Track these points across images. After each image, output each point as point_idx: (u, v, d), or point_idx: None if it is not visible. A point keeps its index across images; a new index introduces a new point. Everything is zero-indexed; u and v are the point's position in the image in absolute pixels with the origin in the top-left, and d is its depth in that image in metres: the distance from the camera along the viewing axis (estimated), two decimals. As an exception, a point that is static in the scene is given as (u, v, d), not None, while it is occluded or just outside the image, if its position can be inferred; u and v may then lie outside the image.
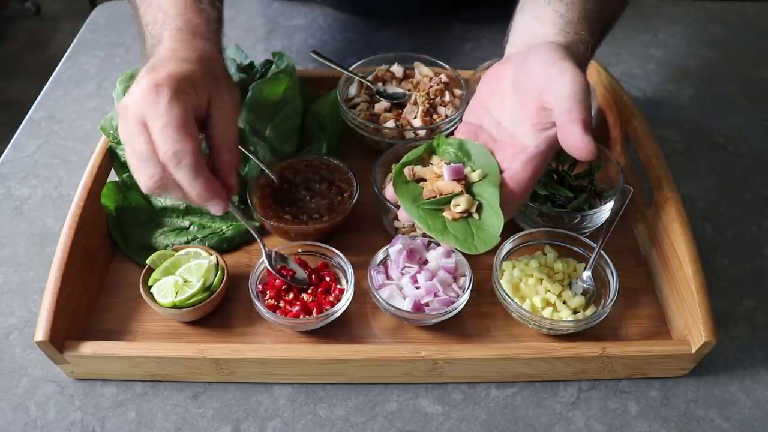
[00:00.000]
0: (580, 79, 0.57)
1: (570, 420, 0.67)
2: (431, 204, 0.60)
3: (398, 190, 0.62)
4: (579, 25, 0.64)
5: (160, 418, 0.66)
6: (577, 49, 0.63)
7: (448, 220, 0.59)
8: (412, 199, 0.61)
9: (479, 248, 0.58)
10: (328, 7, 1.23)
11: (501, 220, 0.58)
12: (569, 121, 0.55)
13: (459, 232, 0.58)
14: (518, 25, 0.68)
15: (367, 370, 0.68)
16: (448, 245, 0.59)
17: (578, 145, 0.55)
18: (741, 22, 1.23)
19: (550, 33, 0.63)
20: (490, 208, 0.58)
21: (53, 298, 0.66)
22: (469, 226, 0.59)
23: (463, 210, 0.59)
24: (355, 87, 0.93)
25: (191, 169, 0.57)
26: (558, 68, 0.58)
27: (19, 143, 0.96)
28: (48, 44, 2.79)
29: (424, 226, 0.59)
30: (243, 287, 0.73)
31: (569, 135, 0.55)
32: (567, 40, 0.62)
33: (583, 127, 0.55)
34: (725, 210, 0.88)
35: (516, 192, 0.60)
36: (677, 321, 0.71)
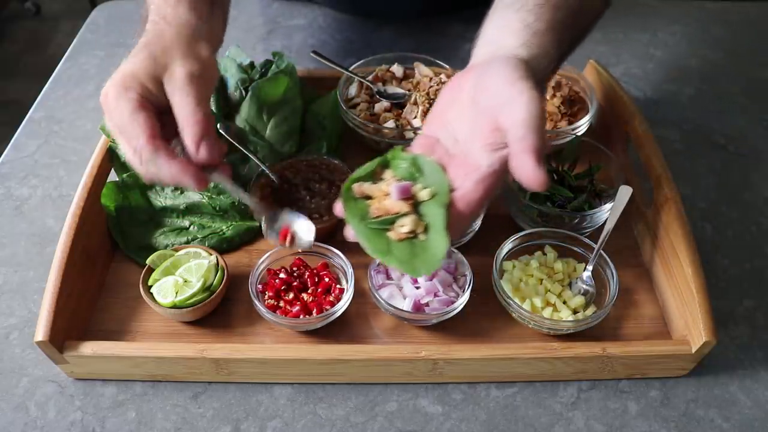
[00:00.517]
0: (536, 102, 0.55)
1: (570, 420, 0.67)
2: (378, 224, 0.58)
3: (346, 207, 0.59)
4: (545, 37, 0.62)
5: (160, 418, 0.66)
6: (538, 64, 0.60)
7: (392, 241, 0.57)
8: (359, 217, 0.59)
9: (421, 272, 0.56)
10: (327, 7, 1.23)
11: (446, 242, 0.56)
12: (522, 150, 0.53)
13: (402, 254, 0.56)
14: (485, 33, 0.66)
15: (367, 370, 0.68)
16: (391, 267, 0.57)
17: (530, 176, 0.53)
18: (741, 22, 1.23)
19: (513, 45, 0.61)
20: (435, 230, 0.56)
21: (53, 298, 0.66)
22: (413, 247, 0.57)
23: (409, 230, 0.57)
24: (355, 87, 0.93)
25: (152, 159, 0.59)
26: (516, 89, 0.55)
27: (19, 143, 0.96)
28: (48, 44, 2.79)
29: (367, 245, 0.57)
30: (243, 287, 0.73)
31: (521, 165, 0.54)
32: (529, 54, 0.60)
33: (535, 158, 0.53)
34: (725, 210, 0.88)
35: (464, 213, 0.57)
36: (677, 321, 0.71)
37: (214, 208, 0.80)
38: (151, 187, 0.81)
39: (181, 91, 0.61)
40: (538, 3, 0.63)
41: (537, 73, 0.59)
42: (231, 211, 0.81)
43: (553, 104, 0.88)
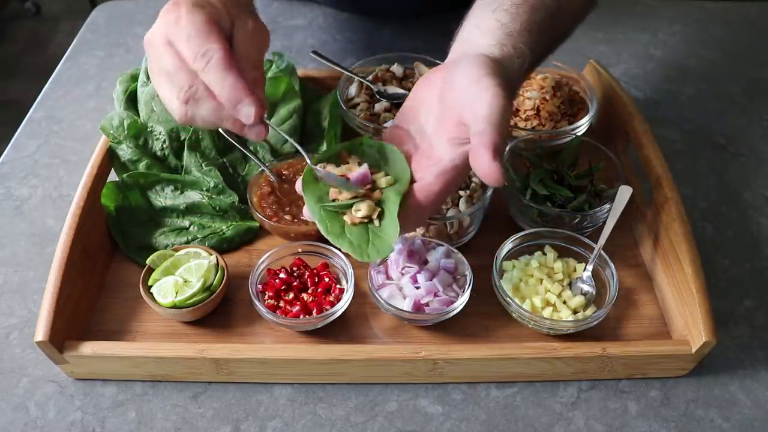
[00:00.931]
0: (500, 100, 0.55)
1: (570, 420, 0.67)
2: (334, 207, 0.58)
3: (305, 187, 0.60)
4: (519, 38, 0.62)
5: (160, 418, 0.66)
6: (510, 64, 0.61)
7: (347, 224, 0.58)
8: (317, 198, 0.59)
9: (372, 256, 0.56)
10: (328, 6, 1.23)
11: (397, 229, 0.56)
12: (480, 144, 0.54)
13: (355, 238, 0.57)
14: (461, 32, 0.66)
15: (367, 370, 0.68)
16: (342, 249, 0.58)
17: (485, 170, 0.54)
18: (741, 22, 1.23)
19: (486, 44, 0.61)
20: (390, 216, 0.57)
21: (53, 298, 0.66)
22: (366, 232, 0.57)
23: (364, 215, 0.57)
24: (355, 87, 0.93)
25: (220, 64, 0.55)
26: (481, 86, 0.56)
27: (19, 143, 0.96)
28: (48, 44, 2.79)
29: (322, 227, 0.57)
30: (243, 287, 0.73)
31: (478, 158, 0.54)
32: (501, 54, 0.61)
33: (492, 153, 0.53)
34: (725, 210, 0.88)
35: (423, 203, 0.58)
36: (677, 321, 0.71)
37: (214, 208, 0.80)
38: (151, 187, 0.81)
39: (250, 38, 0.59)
40: (515, 3, 0.64)
41: (508, 72, 0.60)
42: (231, 211, 0.81)
43: (553, 104, 0.88)
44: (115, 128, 0.81)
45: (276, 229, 0.78)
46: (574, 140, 0.84)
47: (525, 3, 0.64)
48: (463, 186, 0.80)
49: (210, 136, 0.82)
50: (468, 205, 0.77)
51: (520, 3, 0.64)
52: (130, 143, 0.81)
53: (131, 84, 0.86)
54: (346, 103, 0.91)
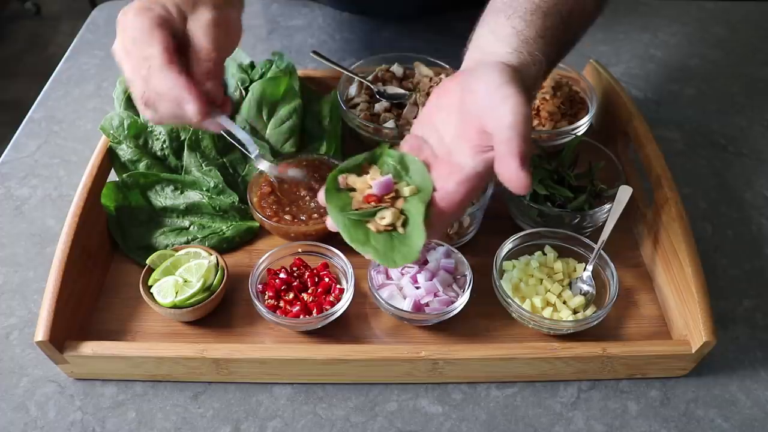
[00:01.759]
0: (523, 107, 0.55)
1: (570, 420, 0.67)
2: (358, 215, 0.59)
3: (328, 196, 0.61)
4: (534, 45, 0.62)
5: (160, 418, 0.66)
6: (528, 71, 0.61)
7: (371, 232, 0.59)
8: (340, 207, 0.60)
9: (398, 262, 0.57)
10: (328, 6, 1.23)
11: (423, 236, 0.57)
12: (507, 153, 0.54)
13: (380, 245, 0.58)
14: (476, 39, 0.66)
15: (367, 370, 0.68)
16: (367, 257, 0.58)
17: (513, 179, 0.54)
18: (742, 22, 1.23)
19: (504, 51, 0.62)
20: (414, 223, 0.58)
21: (53, 298, 0.66)
22: (391, 239, 0.58)
23: (388, 223, 0.58)
24: (355, 87, 0.93)
25: (160, 67, 0.59)
26: (502, 93, 0.56)
27: (19, 143, 0.96)
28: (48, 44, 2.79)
29: (346, 235, 0.58)
30: (243, 287, 0.73)
31: (506, 168, 0.54)
32: (519, 61, 0.61)
33: (520, 162, 0.54)
34: (725, 210, 0.88)
35: (446, 211, 0.58)
36: (677, 321, 0.71)
37: (214, 208, 0.80)
38: (151, 187, 0.81)
39: (203, 30, 0.62)
40: (529, 10, 0.64)
41: (526, 79, 0.60)
42: (231, 211, 0.81)
43: (553, 104, 0.88)
44: (115, 128, 0.81)
45: (276, 229, 0.78)
46: (574, 140, 0.84)
47: (538, 9, 0.64)
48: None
49: (210, 136, 0.82)
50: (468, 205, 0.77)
51: (534, 9, 0.64)
52: (130, 143, 0.81)
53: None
54: (346, 103, 0.91)
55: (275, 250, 0.75)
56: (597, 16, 0.73)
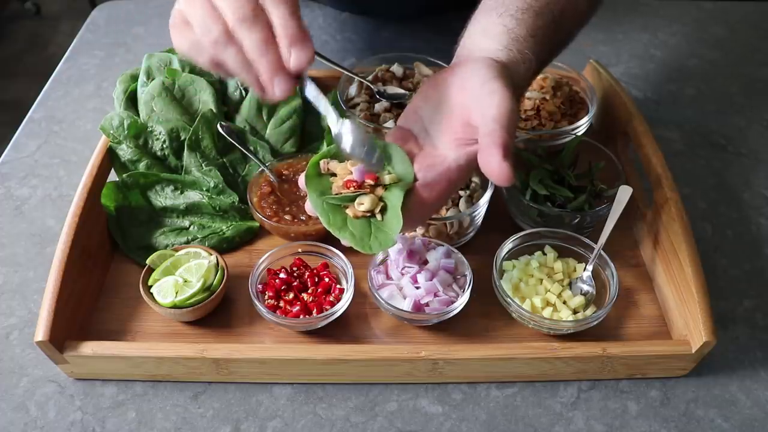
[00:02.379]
0: (508, 102, 0.56)
1: (570, 420, 0.67)
2: (337, 200, 0.59)
3: (308, 181, 0.61)
4: (525, 43, 0.63)
5: (160, 418, 0.66)
6: (517, 68, 0.62)
7: (349, 218, 0.59)
8: (320, 192, 0.60)
9: (374, 249, 0.57)
10: (328, 6, 1.23)
11: (400, 223, 0.57)
12: (489, 144, 0.54)
13: (357, 231, 0.58)
14: (467, 36, 0.67)
15: (367, 370, 0.68)
16: (345, 242, 0.59)
17: (495, 170, 0.54)
18: (741, 22, 1.23)
19: (493, 48, 0.62)
20: (393, 210, 0.58)
21: (53, 298, 0.66)
22: (369, 225, 0.58)
23: (367, 209, 0.58)
24: (355, 87, 0.93)
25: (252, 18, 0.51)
26: (489, 88, 0.57)
27: (19, 143, 0.96)
28: (48, 44, 2.79)
29: (324, 219, 0.58)
30: (243, 287, 0.73)
31: (487, 158, 0.54)
32: (508, 58, 0.61)
33: (502, 153, 0.54)
34: (725, 210, 0.88)
35: (426, 201, 0.59)
36: (677, 321, 0.71)
37: (214, 208, 0.80)
38: (151, 187, 0.81)
39: None
40: (520, 8, 0.64)
41: (514, 76, 0.60)
42: (231, 211, 0.81)
43: (553, 104, 0.88)
44: (115, 128, 0.81)
45: (276, 229, 0.78)
46: (574, 140, 0.84)
47: (530, 9, 0.64)
48: (463, 186, 0.80)
49: (210, 136, 0.82)
50: (468, 205, 0.77)
51: (526, 8, 0.64)
52: (130, 143, 0.81)
53: (131, 84, 0.86)
54: (346, 103, 0.91)
55: (275, 250, 0.75)
56: (591, 16, 0.73)
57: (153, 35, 1.18)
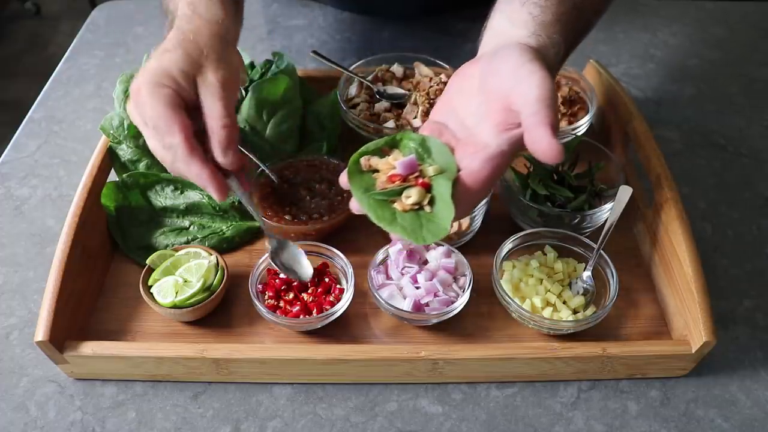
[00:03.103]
0: (548, 82, 0.56)
1: (570, 420, 0.67)
2: (383, 194, 0.59)
3: (351, 178, 0.61)
4: (552, 28, 0.64)
5: (160, 418, 0.66)
6: (547, 53, 0.62)
7: (398, 211, 0.59)
8: (364, 189, 0.60)
9: (427, 239, 0.57)
10: (328, 6, 1.23)
11: (452, 212, 0.57)
12: (537, 123, 0.55)
13: (408, 223, 0.58)
14: (491, 26, 0.67)
15: (367, 370, 0.68)
16: (396, 236, 0.59)
17: (546, 148, 0.54)
18: (741, 22, 1.23)
19: (522, 35, 0.63)
20: (442, 200, 0.58)
21: (53, 298, 0.66)
22: (419, 218, 0.58)
23: (414, 202, 0.58)
24: (355, 87, 0.93)
25: (185, 159, 0.61)
26: (526, 70, 0.57)
27: (19, 143, 0.96)
28: (48, 44, 2.79)
29: (372, 215, 0.58)
30: (243, 287, 0.73)
31: (537, 138, 0.55)
32: (538, 43, 0.62)
33: (551, 131, 0.54)
34: (725, 210, 0.88)
35: (472, 189, 0.59)
36: (677, 321, 0.71)
37: (214, 208, 0.80)
38: (151, 187, 0.81)
39: (213, 96, 0.63)
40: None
41: (547, 60, 0.61)
42: (231, 211, 0.81)
43: (553, 104, 0.88)
44: (115, 128, 0.81)
45: (276, 229, 0.78)
46: (574, 140, 0.84)
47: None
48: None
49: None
50: (468, 205, 0.77)
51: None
52: (130, 143, 0.81)
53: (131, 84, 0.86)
54: (346, 103, 0.91)
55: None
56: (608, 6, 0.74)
57: (153, 35, 1.18)
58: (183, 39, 0.65)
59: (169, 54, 0.63)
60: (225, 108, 0.63)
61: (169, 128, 0.60)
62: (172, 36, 0.66)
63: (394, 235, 0.59)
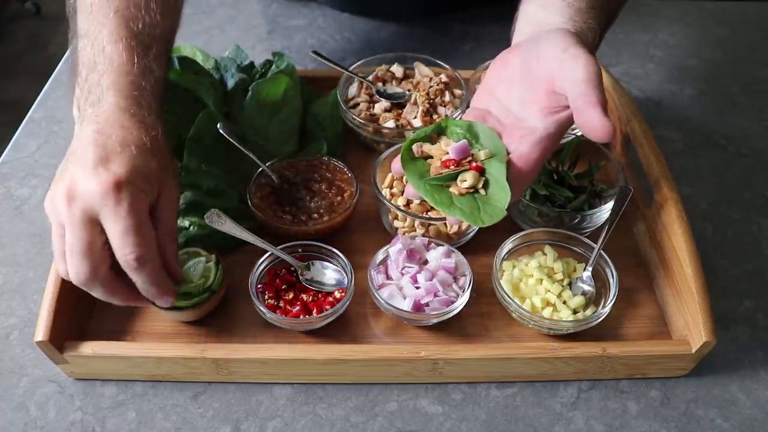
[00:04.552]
0: (594, 64, 0.58)
1: (570, 420, 0.67)
2: (438, 179, 0.60)
3: (406, 166, 0.62)
4: (587, 14, 0.65)
5: (160, 418, 0.66)
6: (586, 38, 0.63)
7: (454, 195, 0.60)
8: (419, 175, 0.62)
9: (485, 221, 0.58)
10: (328, 6, 1.23)
11: (508, 194, 0.58)
12: (587, 104, 0.56)
13: (465, 206, 0.59)
14: (525, 14, 0.69)
15: (367, 370, 0.68)
16: (454, 219, 0.60)
17: (597, 126, 0.56)
18: (741, 22, 1.23)
19: (559, 21, 0.64)
20: (497, 183, 0.59)
21: (53, 298, 0.66)
22: (475, 200, 0.59)
23: (470, 185, 0.59)
24: (355, 87, 0.93)
25: (152, 273, 0.58)
26: (570, 53, 0.58)
27: (19, 143, 0.96)
28: (48, 44, 2.79)
29: (430, 200, 0.60)
30: (243, 287, 0.73)
31: (589, 117, 0.56)
32: (576, 28, 0.63)
33: (602, 109, 0.56)
34: (725, 210, 0.88)
35: (524, 171, 0.60)
36: (677, 321, 0.71)
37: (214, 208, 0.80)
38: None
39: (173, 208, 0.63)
40: None
41: (587, 45, 0.62)
42: (231, 211, 0.80)
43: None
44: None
45: (276, 229, 0.78)
46: (574, 140, 0.84)
47: None
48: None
49: (210, 136, 0.82)
50: (468, 205, 0.77)
51: None
52: (130, 143, 0.81)
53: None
54: (346, 103, 0.91)
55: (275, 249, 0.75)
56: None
57: (153, 35, 1.18)
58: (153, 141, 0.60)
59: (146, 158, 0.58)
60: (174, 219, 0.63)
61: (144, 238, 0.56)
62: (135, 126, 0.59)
63: (450, 219, 0.60)
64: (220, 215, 0.72)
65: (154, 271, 0.59)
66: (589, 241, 0.75)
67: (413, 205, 0.78)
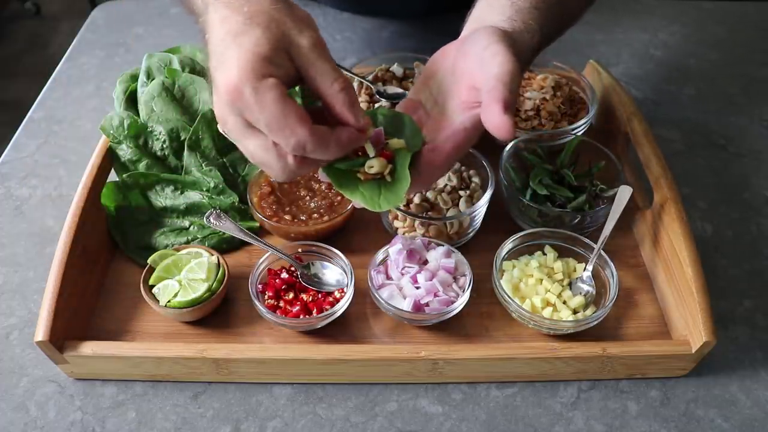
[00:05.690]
0: (509, 62, 0.58)
1: (570, 420, 0.67)
2: (347, 164, 0.61)
3: None
4: (528, 14, 0.66)
5: (160, 418, 0.66)
6: (521, 38, 0.65)
7: (360, 181, 0.61)
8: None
9: (383, 206, 0.60)
10: (328, 6, 1.23)
11: (408, 183, 0.59)
12: (490, 99, 0.57)
13: (367, 191, 0.60)
14: (474, 11, 0.71)
15: (367, 370, 0.68)
16: (356, 202, 0.61)
17: (496, 123, 0.56)
18: (741, 22, 1.23)
19: (497, 19, 0.66)
20: (401, 171, 0.61)
21: (53, 298, 0.66)
22: (378, 186, 0.61)
23: (376, 171, 0.60)
24: (355, 87, 0.93)
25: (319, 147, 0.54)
26: (491, 50, 0.60)
27: (19, 143, 0.96)
28: (48, 44, 2.79)
29: (335, 183, 0.61)
30: (243, 287, 0.73)
31: (489, 114, 0.57)
32: (512, 27, 0.65)
33: (502, 107, 0.56)
34: (725, 210, 0.88)
35: (435, 162, 0.61)
36: (677, 321, 0.71)
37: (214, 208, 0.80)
38: (151, 187, 0.81)
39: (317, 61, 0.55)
40: None
41: (518, 44, 0.64)
42: (231, 211, 0.81)
43: (553, 104, 0.88)
44: (115, 128, 0.81)
45: (276, 229, 0.78)
46: (574, 140, 0.84)
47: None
48: (463, 186, 0.80)
49: (210, 136, 0.82)
50: (468, 205, 0.77)
51: None
52: (130, 143, 0.81)
53: (131, 84, 0.86)
54: (346, 103, 0.90)
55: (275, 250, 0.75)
56: None
57: (153, 35, 1.18)
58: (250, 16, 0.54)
59: (247, 38, 0.52)
60: (334, 69, 0.55)
61: (286, 125, 0.52)
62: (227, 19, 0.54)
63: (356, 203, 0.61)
64: (220, 215, 0.72)
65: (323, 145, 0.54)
66: (589, 241, 0.75)
67: (413, 205, 0.78)
